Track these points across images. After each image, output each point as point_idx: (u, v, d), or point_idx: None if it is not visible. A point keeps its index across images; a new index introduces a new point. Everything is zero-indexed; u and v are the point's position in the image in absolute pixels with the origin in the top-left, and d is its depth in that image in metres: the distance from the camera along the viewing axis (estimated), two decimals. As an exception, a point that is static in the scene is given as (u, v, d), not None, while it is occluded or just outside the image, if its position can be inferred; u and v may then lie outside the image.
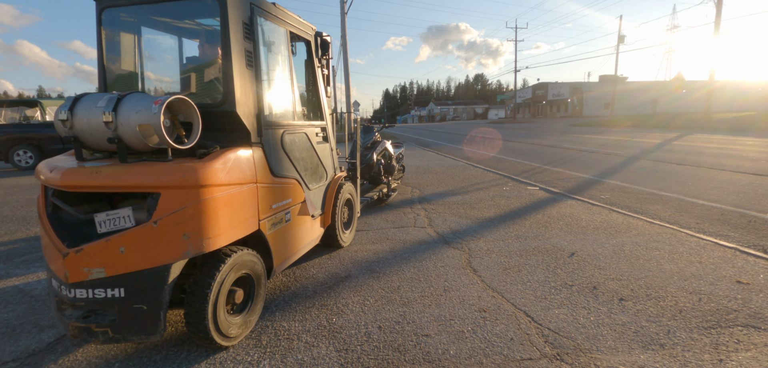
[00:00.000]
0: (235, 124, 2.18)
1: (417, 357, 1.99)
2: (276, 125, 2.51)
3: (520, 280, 2.86)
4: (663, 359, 1.92)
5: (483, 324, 2.29)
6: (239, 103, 2.13)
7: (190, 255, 1.81)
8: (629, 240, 3.64)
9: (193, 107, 1.90)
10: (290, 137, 2.68)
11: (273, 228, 2.41)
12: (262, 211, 2.27)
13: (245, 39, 2.20)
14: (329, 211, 3.30)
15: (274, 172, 2.42)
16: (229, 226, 1.98)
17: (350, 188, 3.72)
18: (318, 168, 3.13)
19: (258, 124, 2.29)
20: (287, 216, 2.59)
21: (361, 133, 6.10)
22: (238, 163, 2.07)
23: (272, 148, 2.43)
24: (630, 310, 2.39)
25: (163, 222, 1.75)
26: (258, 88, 2.31)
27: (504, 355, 1.99)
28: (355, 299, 2.64)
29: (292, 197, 2.65)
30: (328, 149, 3.37)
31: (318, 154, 3.13)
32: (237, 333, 2.11)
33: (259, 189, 2.23)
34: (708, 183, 6.16)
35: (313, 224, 3.04)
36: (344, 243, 3.62)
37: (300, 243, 2.82)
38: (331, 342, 2.15)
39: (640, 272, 2.93)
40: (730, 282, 2.74)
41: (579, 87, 51.31)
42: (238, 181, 2.04)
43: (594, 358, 1.94)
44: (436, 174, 8.04)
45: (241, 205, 2.07)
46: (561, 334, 2.16)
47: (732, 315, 2.31)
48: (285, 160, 2.57)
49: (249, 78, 2.22)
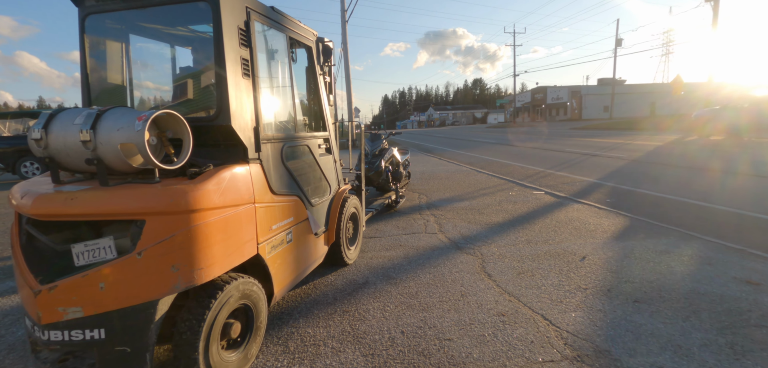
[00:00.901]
0: (231, 138, 2.01)
1: (442, 361, 2.05)
2: (276, 139, 2.34)
3: (535, 284, 2.93)
4: (681, 360, 1.98)
5: (503, 327, 2.35)
6: (235, 115, 1.95)
7: (179, 289, 1.63)
8: (638, 244, 3.71)
9: (183, 122, 1.73)
10: (291, 151, 2.52)
11: (273, 251, 2.22)
12: (260, 234, 2.09)
13: (241, 46, 2.03)
14: (333, 228, 3.11)
15: (274, 189, 2.25)
16: (224, 254, 1.80)
17: (355, 201, 3.55)
18: (321, 182, 2.96)
19: (256, 138, 2.12)
20: (289, 236, 2.40)
21: (368, 140, 6.19)
22: (234, 183, 1.89)
23: (272, 164, 2.26)
24: (645, 312, 2.45)
25: (149, 253, 1.56)
26: (256, 99, 2.14)
27: (526, 358, 2.05)
28: (375, 305, 2.70)
29: (294, 216, 2.48)
30: (332, 161, 3.20)
31: (321, 167, 2.96)
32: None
33: (257, 209, 2.06)
34: (712, 184, 6.23)
35: (317, 242, 2.87)
36: (349, 261, 3.41)
37: (303, 264, 2.63)
38: (357, 347, 2.21)
39: (651, 275, 3.00)
40: (741, 282, 2.80)
41: (578, 90, 51.59)
42: (233, 202, 1.87)
43: (615, 361, 2.00)
44: (442, 180, 8.11)
45: (237, 229, 1.89)
46: (579, 336, 2.22)
47: (745, 315, 2.37)
48: (286, 175, 2.41)
49: (245, 88, 2.06)
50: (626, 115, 41.89)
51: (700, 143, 13.03)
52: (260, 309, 2.07)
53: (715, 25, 20.91)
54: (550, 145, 15.37)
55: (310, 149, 2.83)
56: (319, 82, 3.06)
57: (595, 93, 50.18)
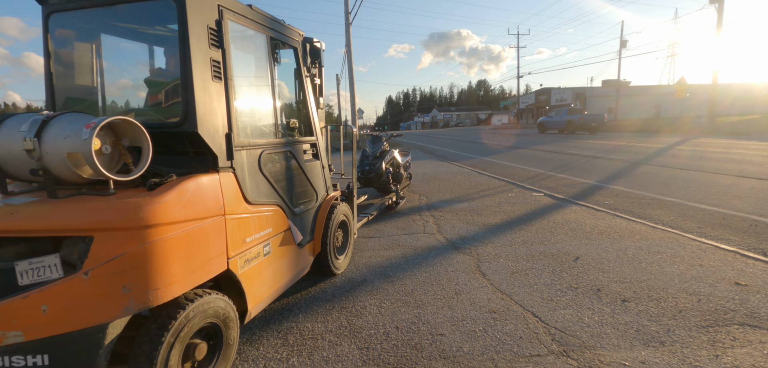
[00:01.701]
0: (199, 146, 1.89)
1: (433, 354, 2.15)
2: (253, 145, 2.22)
3: (528, 283, 3.01)
4: (663, 355, 2.07)
5: (493, 324, 2.44)
6: (202, 121, 1.83)
7: (131, 311, 1.51)
8: (632, 245, 3.78)
9: (140, 129, 1.63)
10: (271, 157, 2.40)
11: (247, 265, 2.10)
12: (232, 247, 1.96)
13: (211, 46, 1.92)
14: (319, 237, 2.99)
15: (250, 198, 2.13)
16: (185, 271, 1.67)
17: (345, 209, 3.40)
18: (306, 189, 2.86)
19: (228, 146, 1.99)
20: (266, 248, 2.28)
21: (369, 142, 6.30)
22: (200, 194, 1.77)
23: (247, 172, 2.14)
24: (632, 311, 2.54)
25: (96, 273, 1.44)
26: (228, 104, 2.01)
27: (514, 352, 2.15)
28: (372, 301, 2.80)
29: (273, 226, 2.35)
30: (319, 167, 3.08)
31: (306, 173, 2.84)
32: None
33: (228, 222, 1.94)
34: (711, 187, 6.28)
35: (300, 253, 2.73)
36: (338, 271, 3.25)
37: (282, 278, 2.50)
38: (353, 341, 2.31)
39: (642, 275, 3.08)
40: (729, 283, 2.87)
41: (582, 92, 51.41)
42: (198, 215, 1.75)
43: (598, 354, 2.09)
44: (442, 181, 8.20)
45: (202, 244, 1.77)
46: (567, 333, 2.31)
47: (730, 314, 2.45)
48: (264, 184, 2.30)
49: (216, 92, 1.93)
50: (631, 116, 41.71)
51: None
52: (230, 327, 1.93)
53: (720, 27, 20.83)
54: (551, 146, 15.40)
55: (294, 155, 2.70)
56: (306, 85, 2.93)
57: (600, 95, 49.98)
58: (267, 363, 2.12)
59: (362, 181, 5.96)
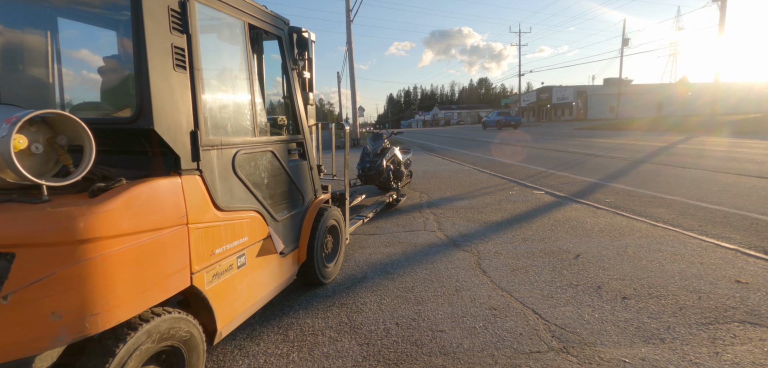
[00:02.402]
0: (157, 145, 1.66)
1: (433, 350, 2.15)
2: (225, 144, 1.98)
3: (528, 280, 3.02)
4: (663, 352, 2.07)
5: (494, 320, 2.45)
6: (160, 117, 1.61)
7: (63, 341, 1.28)
8: (633, 243, 3.78)
9: (80, 126, 1.41)
10: (248, 157, 2.17)
11: (216, 280, 1.88)
12: (196, 261, 1.74)
13: (174, 31, 1.69)
14: (305, 244, 2.76)
15: (221, 205, 1.91)
16: (135, 292, 1.45)
17: (335, 213, 3.17)
18: (291, 193, 2.63)
19: (193, 145, 1.76)
20: (241, 260, 2.07)
21: (370, 140, 6.30)
22: (154, 200, 1.54)
23: (218, 174, 1.91)
24: (632, 308, 2.54)
25: (18, 298, 1.23)
26: (195, 97, 1.78)
27: (514, 349, 2.15)
28: (372, 298, 2.81)
29: (249, 234, 2.13)
30: (306, 168, 2.84)
31: (291, 175, 2.60)
32: None
33: (192, 231, 1.71)
34: (712, 185, 6.27)
35: (282, 263, 2.51)
36: (326, 280, 3.02)
37: (260, 291, 2.27)
38: (353, 337, 2.32)
39: (642, 272, 3.07)
40: (730, 281, 2.87)
41: (583, 90, 51.32)
42: (152, 225, 1.52)
43: (598, 351, 2.09)
44: (443, 179, 8.20)
45: (158, 259, 1.55)
46: (567, 329, 2.31)
47: (730, 312, 2.45)
48: (239, 187, 2.07)
49: (179, 84, 1.70)
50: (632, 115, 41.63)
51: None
52: (193, 350, 1.73)
53: (722, 25, 20.75)
54: (552, 145, 15.39)
55: (276, 155, 2.46)
56: (291, 78, 2.69)
57: (601, 93, 49.90)
58: (267, 359, 2.13)
59: (363, 178, 5.96)
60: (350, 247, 3.95)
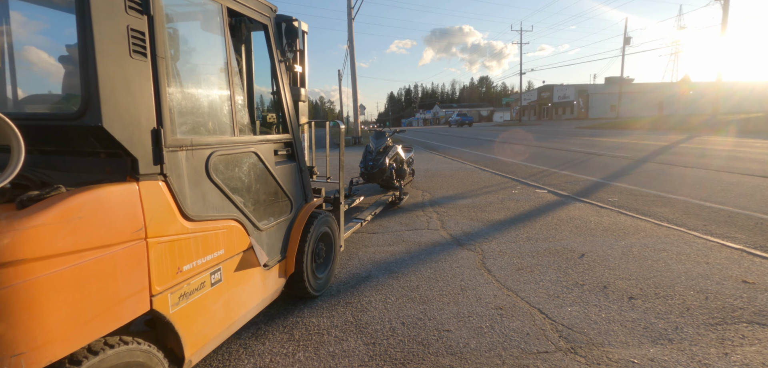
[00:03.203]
0: (109, 145, 1.43)
1: (440, 350, 2.14)
2: (197, 145, 1.74)
3: (533, 280, 3.00)
4: (672, 353, 2.06)
5: (500, 320, 2.43)
6: (111, 112, 1.36)
7: None
8: (638, 242, 3.76)
9: (6, 123, 1.18)
10: (226, 159, 1.93)
11: (183, 301, 1.64)
12: (158, 280, 1.51)
13: (130, 11, 1.45)
14: (294, 254, 2.52)
15: (191, 213, 1.68)
16: (75, 323, 1.23)
17: (328, 218, 2.95)
18: (277, 198, 2.39)
19: (155, 145, 1.52)
20: (215, 276, 1.84)
21: (372, 138, 6.28)
22: (101, 212, 1.30)
23: (188, 179, 1.68)
24: (639, 308, 2.52)
25: None
26: (157, 89, 1.54)
27: (521, 349, 2.14)
28: (377, 297, 2.79)
29: (226, 246, 1.90)
30: (296, 170, 2.59)
31: (277, 178, 2.36)
32: None
33: (152, 247, 1.48)
34: (715, 185, 6.24)
35: (266, 276, 2.27)
36: (316, 293, 2.77)
37: (239, 309, 2.03)
38: (359, 336, 2.31)
39: (648, 272, 3.06)
40: (737, 281, 2.85)
41: (585, 89, 51.24)
42: (98, 241, 1.28)
43: (606, 352, 2.08)
44: (445, 177, 8.19)
45: (105, 282, 1.31)
46: (574, 330, 2.30)
47: (737, 312, 2.43)
48: (214, 193, 1.83)
49: (137, 73, 1.46)
50: (634, 114, 41.57)
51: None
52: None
53: (725, 24, 20.69)
54: (554, 144, 15.36)
55: (260, 157, 2.21)
56: (278, 72, 2.45)
57: (603, 92, 49.81)
58: (273, 358, 2.12)
59: (365, 176, 5.95)
60: (354, 246, 3.93)
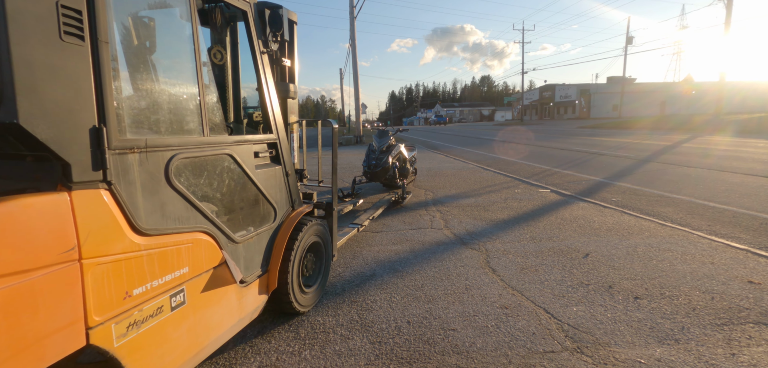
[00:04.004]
0: (34, 147, 1.20)
1: (446, 349, 2.14)
2: (153, 146, 1.51)
3: (538, 279, 3.00)
4: (678, 353, 2.05)
5: (505, 319, 2.43)
6: (32, 106, 1.14)
7: None
8: (642, 242, 3.75)
9: None
10: (192, 163, 1.70)
11: (133, 331, 1.41)
12: (98, 309, 1.28)
13: None
14: (277, 268, 2.27)
15: (145, 227, 1.46)
16: None
17: (318, 227, 2.71)
18: (257, 205, 2.15)
19: (96, 146, 1.30)
20: (176, 298, 1.60)
21: (376, 137, 6.28)
22: (13, 231, 1.10)
23: (141, 186, 1.46)
24: (645, 308, 2.52)
25: None
26: (99, 80, 1.30)
27: (527, 348, 2.13)
28: (382, 296, 2.79)
29: (192, 263, 1.67)
30: (280, 175, 2.35)
31: (258, 184, 2.12)
32: None
33: (88, 269, 1.25)
34: (719, 185, 6.22)
35: (244, 294, 2.03)
36: (303, 308, 2.53)
37: (209, 333, 1.79)
38: (365, 335, 2.31)
39: (653, 272, 3.05)
40: (742, 282, 2.85)
41: (587, 88, 51.13)
42: (11, 267, 1.08)
43: (612, 351, 2.08)
44: (448, 177, 8.18)
45: (20, 317, 1.10)
46: (580, 329, 2.29)
47: (744, 312, 2.43)
48: (176, 202, 1.61)
49: (70, 60, 1.22)
50: (636, 114, 41.47)
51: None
52: None
53: (728, 24, 20.61)
54: (556, 143, 15.33)
55: (236, 160, 1.97)
56: (260, 65, 2.22)
57: (604, 91, 49.70)
58: (279, 356, 2.12)
59: (368, 175, 5.94)
60: (358, 245, 3.94)
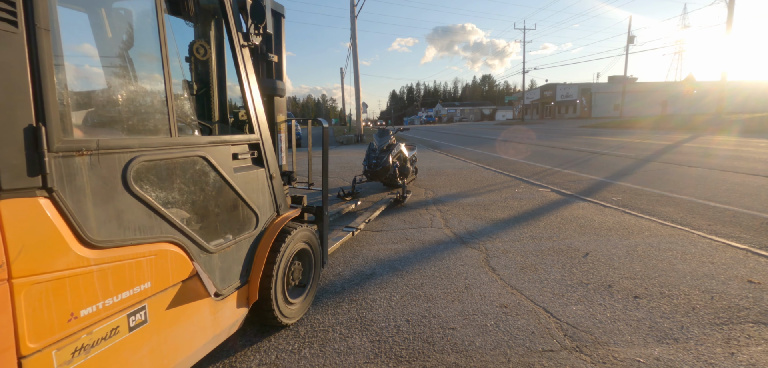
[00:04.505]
0: None
1: (445, 348, 2.15)
2: (104, 148, 1.35)
3: (538, 279, 3.00)
4: (677, 352, 2.05)
5: (505, 318, 2.43)
6: None
7: None
8: (642, 241, 3.75)
9: None
10: (156, 166, 1.53)
11: (80, 357, 1.27)
12: (34, 335, 1.15)
13: None
14: (257, 278, 2.09)
15: (96, 238, 1.31)
16: None
17: (306, 233, 2.51)
18: (235, 211, 1.97)
19: (32, 149, 1.16)
20: (136, 317, 1.44)
21: (376, 136, 6.28)
22: None
23: (92, 192, 1.32)
24: (644, 307, 2.52)
25: None
26: (37, 72, 1.17)
27: (526, 347, 2.14)
28: (381, 295, 2.80)
29: (155, 277, 1.50)
30: (263, 178, 2.17)
31: (236, 188, 1.94)
32: None
33: (20, 289, 1.12)
34: (720, 185, 6.21)
35: (219, 308, 1.85)
36: (289, 320, 2.35)
37: (175, 355, 1.62)
38: (364, 333, 2.31)
39: (653, 272, 3.05)
40: (742, 281, 2.84)
41: (588, 88, 51.05)
42: None
43: (611, 350, 2.08)
44: (448, 176, 8.18)
45: None
46: (579, 328, 2.30)
47: (743, 312, 2.43)
48: (137, 210, 1.45)
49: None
50: (637, 113, 41.40)
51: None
52: None
53: (730, 23, 20.54)
54: (557, 143, 15.31)
55: (211, 162, 1.79)
56: (239, 58, 2.04)
57: (606, 91, 49.63)
58: (279, 354, 2.13)
59: (368, 174, 5.95)
60: (358, 244, 3.94)
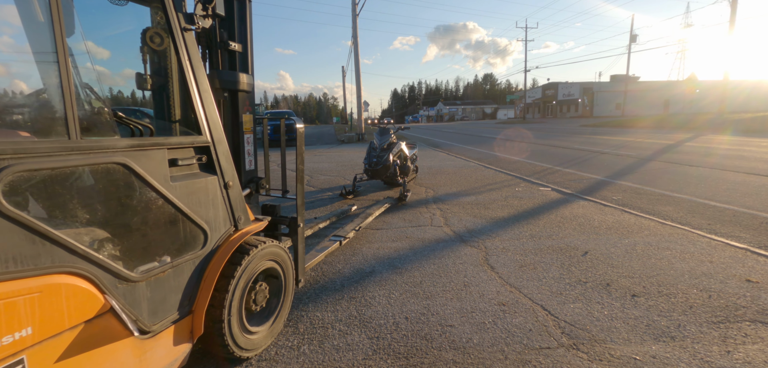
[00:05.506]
0: None
1: (443, 345, 2.16)
2: None
3: (536, 277, 3.01)
4: (674, 350, 2.07)
5: (503, 316, 2.45)
6: None
7: None
8: (641, 240, 3.76)
9: None
10: (46, 178, 1.25)
11: None
12: None
13: None
14: (203, 307, 1.76)
15: None
16: None
17: (274, 249, 2.16)
18: (173, 228, 1.66)
19: None
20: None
21: (377, 134, 6.30)
22: None
23: None
24: (642, 305, 2.53)
25: None
26: None
27: (524, 344, 2.15)
28: (380, 292, 2.82)
29: (39, 321, 1.17)
30: (215, 186, 1.85)
31: (173, 200, 1.62)
32: None
33: None
34: (720, 184, 6.21)
35: (147, 349, 1.55)
36: (249, 352, 2.02)
37: None
38: (363, 330, 2.33)
39: (652, 270, 3.06)
40: (740, 280, 2.85)
41: (590, 87, 50.93)
42: None
43: (608, 348, 2.09)
44: (449, 174, 8.19)
45: None
46: (577, 326, 2.31)
47: (741, 311, 2.44)
48: (11, 234, 1.12)
49: None
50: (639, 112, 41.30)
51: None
52: None
53: (733, 22, 20.47)
54: (558, 142, 15.30)
55: (135, 170, 1.48)
56: (180, 43, 1.71)
57: (608, 90, 49.50)
58: (278, 351, 2.15)
59: (369, 173, 5.97)
60: (358, 242, 3.96)
